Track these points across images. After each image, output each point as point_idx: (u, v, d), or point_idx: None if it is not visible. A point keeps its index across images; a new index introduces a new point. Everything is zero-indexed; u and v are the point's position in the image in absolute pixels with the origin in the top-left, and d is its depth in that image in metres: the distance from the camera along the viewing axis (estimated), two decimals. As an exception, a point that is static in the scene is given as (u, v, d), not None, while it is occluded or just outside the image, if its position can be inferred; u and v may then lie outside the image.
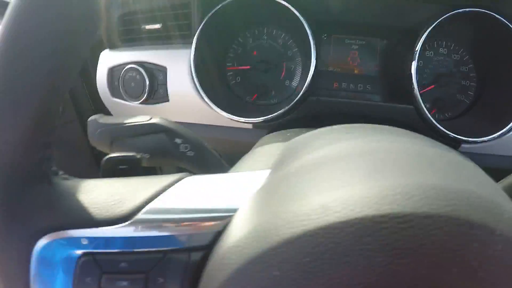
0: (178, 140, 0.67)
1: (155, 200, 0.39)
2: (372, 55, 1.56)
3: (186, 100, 1.44)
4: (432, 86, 1.54)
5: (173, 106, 1.46)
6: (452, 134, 1.31)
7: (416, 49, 1.33)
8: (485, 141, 1.33)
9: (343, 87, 1.54)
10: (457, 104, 1.59)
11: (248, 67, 1.52)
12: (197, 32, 1.34)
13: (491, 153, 1.45)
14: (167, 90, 1.43)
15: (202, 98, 1.35)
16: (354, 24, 1.51)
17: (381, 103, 1.40)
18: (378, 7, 1.40)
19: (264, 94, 1.52)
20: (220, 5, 1.31)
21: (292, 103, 1.28)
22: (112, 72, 1.50)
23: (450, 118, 1.59)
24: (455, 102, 1.59)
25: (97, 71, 1.53)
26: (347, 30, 1.55)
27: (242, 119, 1.33)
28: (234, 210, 0.37)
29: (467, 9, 1.30)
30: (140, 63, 1.43)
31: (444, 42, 1.57)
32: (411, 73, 1.32)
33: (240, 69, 1.55)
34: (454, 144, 1.35)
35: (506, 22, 1.28)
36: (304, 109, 1.34)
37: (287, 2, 1.29)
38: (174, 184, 0.40)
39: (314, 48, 1.30)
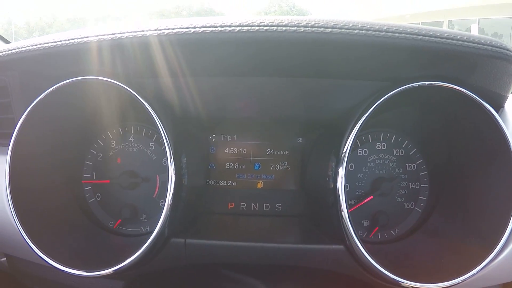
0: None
1: None
2: (281, 160, 1.14)
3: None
4: (370, 198, 1.10)
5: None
6: (407, 281, 0.84)
7: (344, 150, 0.86)
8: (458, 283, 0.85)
9: (242, 209, 1.09)
10: (407, 215, 1.15)
11: (107, 181, 1.06)
12: (17, 127, 0.87)
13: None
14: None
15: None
16: (254, 121, 1.08)
17: (294, 245, 0.92)
18: (285, 97, 0.98)
19: (130, 218, 1.05)
20: (51, 88, 0.85)
21: (144, 248, 0.80)
22: None
23: (398, 237, 1.15)
24: (403, 214, 1.15)
25: None
26: (245, 128, 1.12)
27: (75, 272, 0.84)
28: None
29: (417, 83, 0.85)
30: None
31: (382, 134, 1.16)
32: (336, 187, 0.85)
33: (97, 183, 1.08)
34: None
35: (473, 96, 0.85)
36: (172, 255, 0.86)
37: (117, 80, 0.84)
38: None
39: (171, 153, 0.84)
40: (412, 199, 1.16)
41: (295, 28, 0.72)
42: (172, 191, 0.83)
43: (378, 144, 1.16)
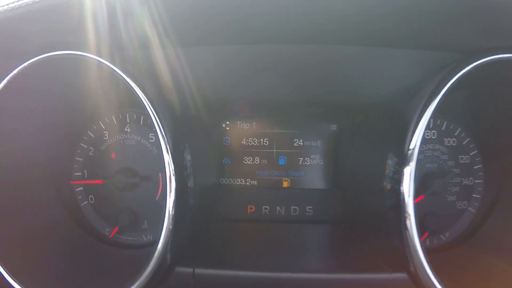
0: None
1: None
2: (312, 152, 0.95)
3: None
4: (421, 198, 0.90)
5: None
6: None
7: (413, 145, 0.66)
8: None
9: (265, 213, 0.91)
10: (459, 217, 0.97)
11: (100, 181, 0.87)
12: None
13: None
14: None
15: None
16: (278, 103, 0.89)
17: (340, 274, 0.71)
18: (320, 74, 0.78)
19: (129, 226, 0.87)
20: (18, 68, 0.66)
21: (139, 281, 0.62)
22: None
23: (449, 243, 0.97)
24: (455, 215, 0.97)
25: None
26: (266, 112, 0.93)
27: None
28: None
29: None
30: None
31: (431, 120, 0.96)
32: (399, 191, 0.65)
33: (89, 183, 0.90)
34: None
35: None
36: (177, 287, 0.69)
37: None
38: None
39: (168, 147, 0.65)
40: (465, 197, 0.99)
41: None
42: (173, 197, 0.64)
43: (428, 132, 0.98)
